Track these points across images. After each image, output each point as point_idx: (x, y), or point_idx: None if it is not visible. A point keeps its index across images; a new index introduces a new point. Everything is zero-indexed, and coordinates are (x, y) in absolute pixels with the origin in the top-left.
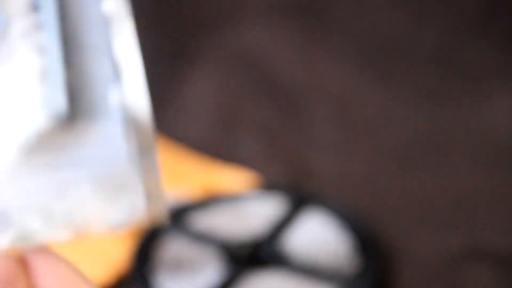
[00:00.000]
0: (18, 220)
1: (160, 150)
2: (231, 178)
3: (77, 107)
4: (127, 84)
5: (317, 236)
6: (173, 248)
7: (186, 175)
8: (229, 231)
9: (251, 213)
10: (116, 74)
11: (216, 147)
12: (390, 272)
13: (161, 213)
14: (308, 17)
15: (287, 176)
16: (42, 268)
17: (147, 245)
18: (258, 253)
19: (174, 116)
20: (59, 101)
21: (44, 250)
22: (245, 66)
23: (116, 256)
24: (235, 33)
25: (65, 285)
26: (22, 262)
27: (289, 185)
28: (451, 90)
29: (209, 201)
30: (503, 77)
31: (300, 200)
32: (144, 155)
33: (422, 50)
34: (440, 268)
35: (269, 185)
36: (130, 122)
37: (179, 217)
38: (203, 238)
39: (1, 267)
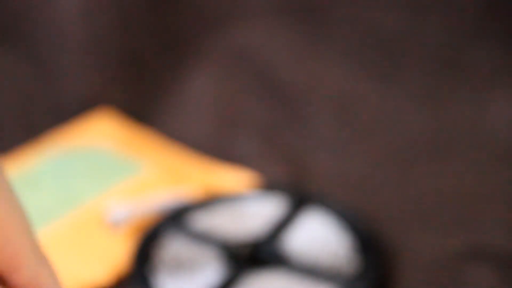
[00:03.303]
0: None
1: (160, 150)
2: (231, 178)
3: None
4: None
5: (317, 236)
6: (173, 248)
7: (186, 175)
8: (229, 231)
9: (251, 213)
10: None
11: (216, 147)
12: (390, 272)
13: None
14: (308, 17)
15: (287, 176)
16: None
17: (147, 245)
18: (258, 253)
19: (174, 116)
20: None
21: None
22: (245, 65)
23: (116, 256)
24: (235, 33)
25: None
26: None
27: (289, 185)
28: (452, 90)
29: (209, 201)
30: (504, 77)
31: (300, 200)
32: None
33: (422, 50)
34: (440, 268)
35: (269, 185)
36: None
37: (179, 217)
38: (203, 238)
39: None
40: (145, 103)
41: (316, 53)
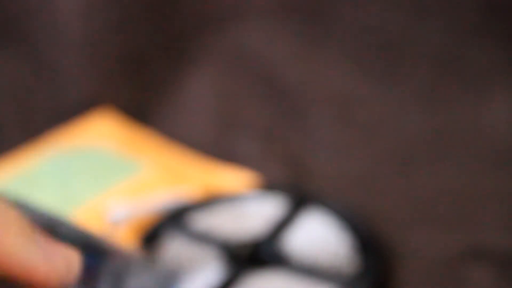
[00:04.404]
0: None
1: (160, 150)
2: (231, 178)
3: None
4: None
5: (317, 236)
6: (173, 248)
7: (186, 175)
8: (229, 231)
9: (251, 213)
10: None
11: (216, 147)
12: (390, 272)
13: None
14: (308, 17)
15: (287, 176)
16: None
17: (147, 245)
18: (258, 253)
19: (174, 116)
20: None
21: None
22: (245, 66)
23: None
24: (235, 33)
25: None
26: None
27: (289, 185)
28: (452, 90)
29: (209, 201)
30: (504, 77)
31: (300, 200)
32: None
33: (422, 50)
34: (440, 268)
35: (269, 185)
36: None
37: (179, 217)
38: (203, 238)
39: None
40: (145, 103)
41: (317, 53)
